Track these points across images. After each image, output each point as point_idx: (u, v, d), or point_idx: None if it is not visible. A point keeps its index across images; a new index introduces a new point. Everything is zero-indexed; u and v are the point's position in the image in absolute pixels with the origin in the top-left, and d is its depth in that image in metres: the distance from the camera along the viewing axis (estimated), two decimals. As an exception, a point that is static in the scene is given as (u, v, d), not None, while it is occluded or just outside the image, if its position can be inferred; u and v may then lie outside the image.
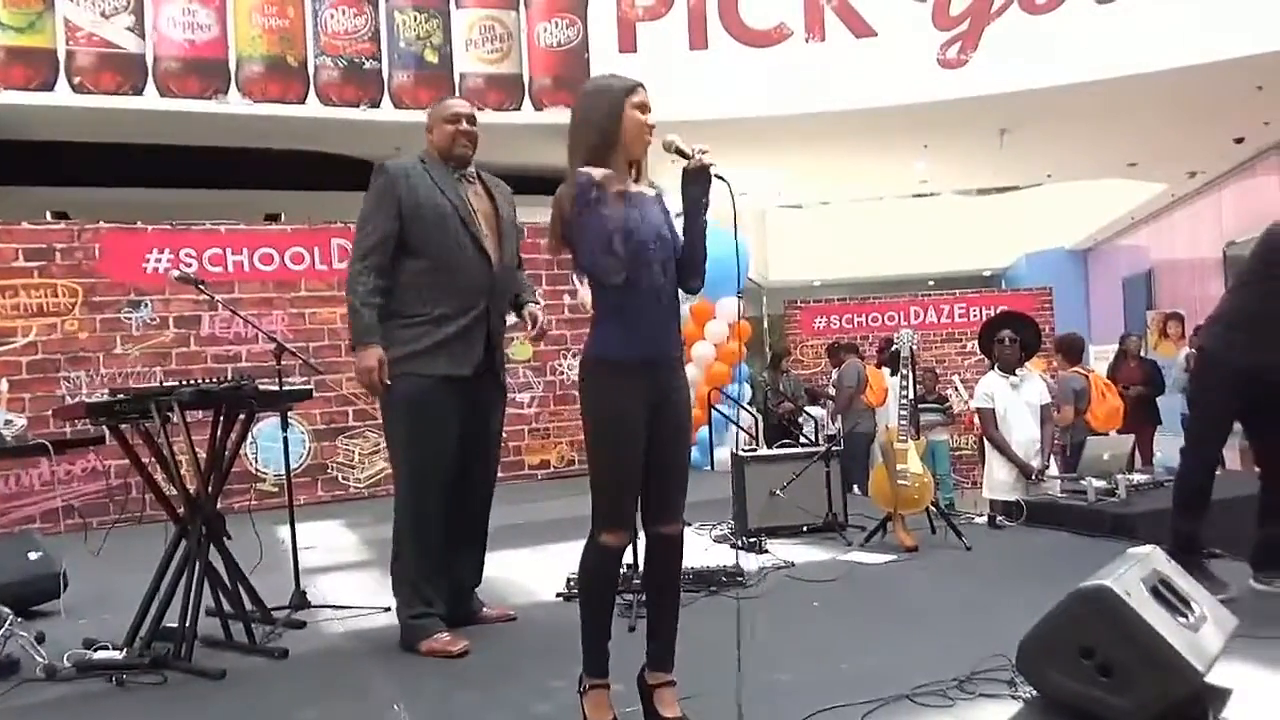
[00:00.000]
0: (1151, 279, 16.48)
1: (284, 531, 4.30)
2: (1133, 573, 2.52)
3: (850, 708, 2.67)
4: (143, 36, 8.55)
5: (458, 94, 9.52)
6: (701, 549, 5.01)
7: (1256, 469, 3.92)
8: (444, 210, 3.55)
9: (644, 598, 2.95)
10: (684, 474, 2.68)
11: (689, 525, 5.47)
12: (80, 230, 7.26)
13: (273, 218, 8.06)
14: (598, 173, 2.47)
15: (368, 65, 9.31)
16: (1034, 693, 2.56)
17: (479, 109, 6.78)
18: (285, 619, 3.83)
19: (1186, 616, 2.50)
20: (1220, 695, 2.51)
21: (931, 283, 18.49)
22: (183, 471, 3.61)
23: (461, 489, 3.61)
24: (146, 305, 7.32)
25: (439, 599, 3.57)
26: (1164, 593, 2.52)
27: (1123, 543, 3.75)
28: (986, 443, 6.22)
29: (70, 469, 6.85)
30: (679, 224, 2.67)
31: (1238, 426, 3.95)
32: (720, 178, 2.56)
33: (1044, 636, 2.49)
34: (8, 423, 4.23)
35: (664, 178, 2.73)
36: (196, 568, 3.45)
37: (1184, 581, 2.67)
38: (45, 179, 9.47)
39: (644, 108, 2.62)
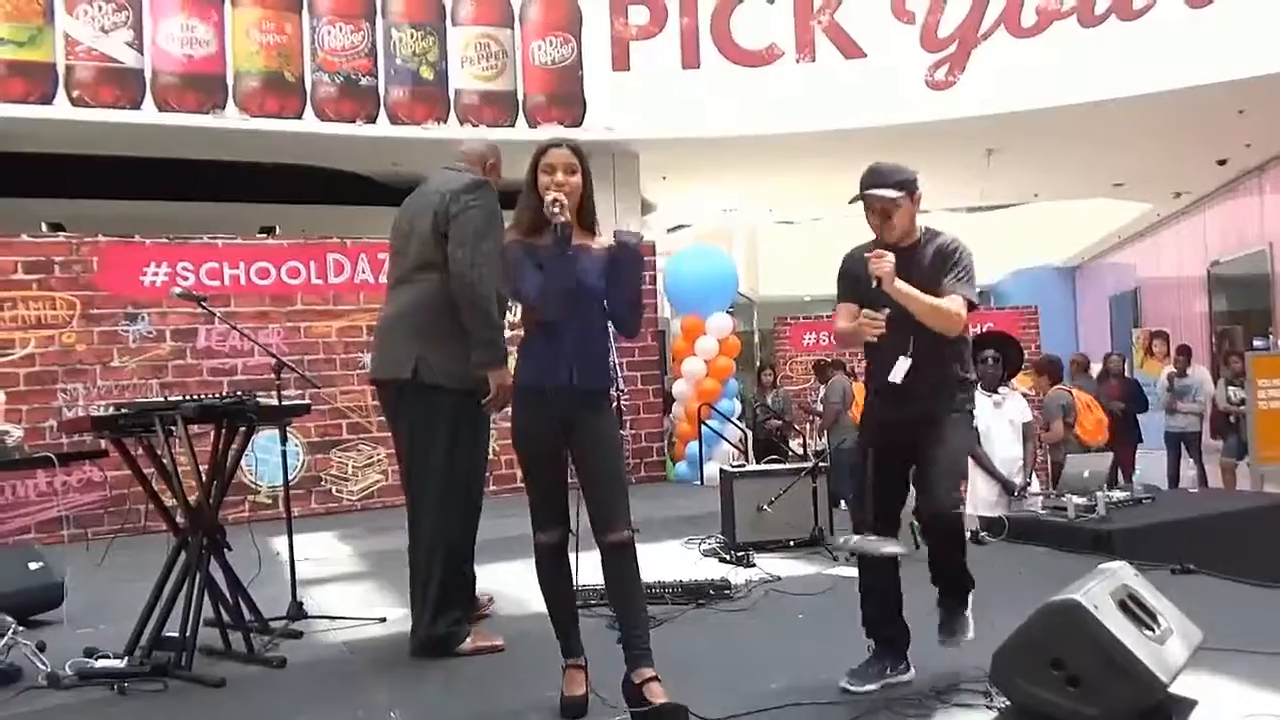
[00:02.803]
0: (1138, 297, 16.66)
1: (279, 542, 4.39)
2: (1102, 587, 2.62)
3: (830, 717, 2.77)
4: (141, 51, 8.65)
5: (452, 110, 9.62)
6: (690, 563, 5.11)
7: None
8: None
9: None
10: (613, 487, 2.85)
11: (682, 540, 5.64)
12: (79, 243, 7.33)
13: (268, 230, 8.13)
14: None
15: (364, 81, 9.41)
16: (1007, 702, 2.66)
17: (473, 125, 6.86)
18: (283, 629, 3.92)
19: (1153, 629, 2.60)
20: (1185, 706, 2.61)
21: (921, 299, 18.61)
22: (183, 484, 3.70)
23: None
24: (144, 318, 7.39)
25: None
26: (1131, 606, 2.62)
27: (1101, 558, 3.85)
28: (970, 460, 6.32)
29: (67, 480, 6.90)
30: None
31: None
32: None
33: (1016, 648, 2.59)
34: (4, 434, 4.28)
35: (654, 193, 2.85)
36: (197, 578, 3.53)
37: (1151, 596, 2.77)
38: (44, 192, 9.54)
39: (549, 169, 2.81)
